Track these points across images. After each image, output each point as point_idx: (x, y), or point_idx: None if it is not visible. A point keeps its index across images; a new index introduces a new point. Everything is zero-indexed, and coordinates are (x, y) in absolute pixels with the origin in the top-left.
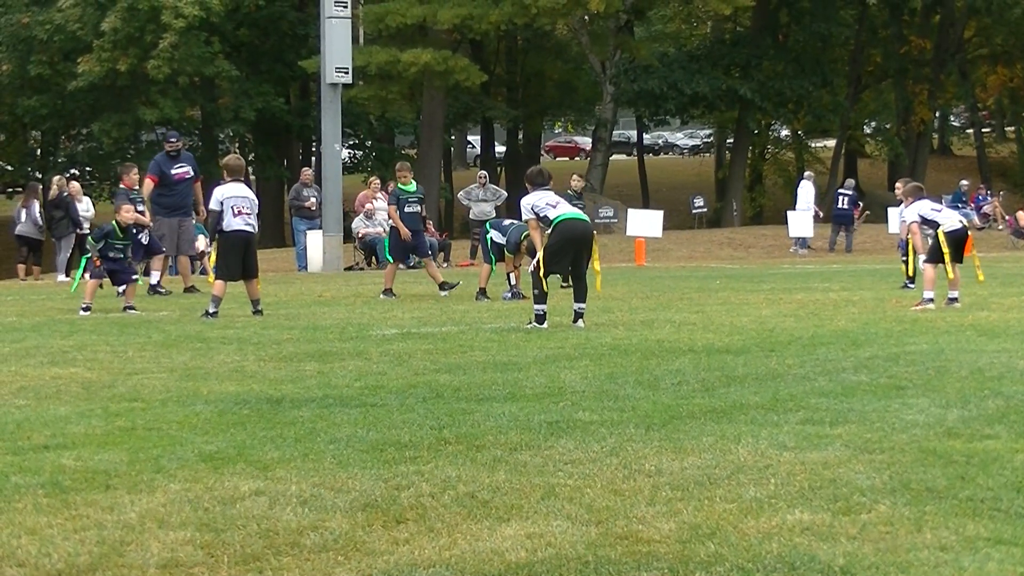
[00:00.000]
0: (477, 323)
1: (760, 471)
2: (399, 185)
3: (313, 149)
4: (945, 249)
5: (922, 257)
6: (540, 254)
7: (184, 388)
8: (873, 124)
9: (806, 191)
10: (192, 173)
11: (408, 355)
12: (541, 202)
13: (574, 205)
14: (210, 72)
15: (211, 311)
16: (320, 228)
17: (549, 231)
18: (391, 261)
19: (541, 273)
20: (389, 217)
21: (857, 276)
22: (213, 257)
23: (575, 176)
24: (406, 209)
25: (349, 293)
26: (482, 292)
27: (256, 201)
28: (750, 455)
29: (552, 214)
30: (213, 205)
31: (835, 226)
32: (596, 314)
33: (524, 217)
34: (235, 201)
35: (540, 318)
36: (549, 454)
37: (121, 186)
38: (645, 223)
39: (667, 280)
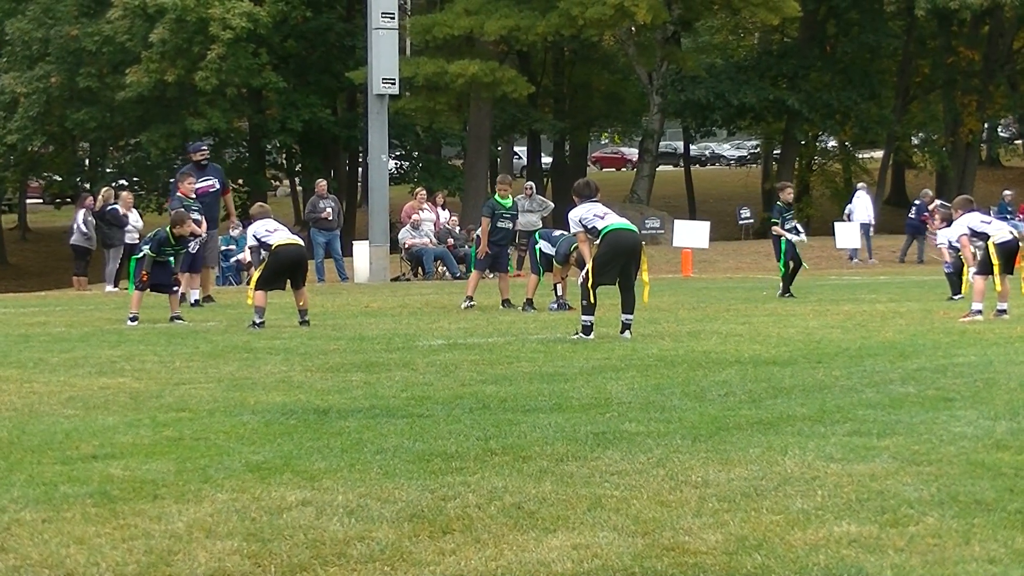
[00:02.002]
0: (523, 334)
1: (807, 483)
2: (496, 198)
3: (360, 160)
4: (995, 260)
5: (972, 269)
6: (589, 265)
7: (231, 398)
8: (921, 135)
9: (862, 202)
10: (218, 186)
11: (455, 366)
12: (589, 214)
13: (784, 218)
14: (257, 83)
15: (257, 321)
16: (338, 238)
17: (598, 242)
18: (476, 271)
19: (590, 284)
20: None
21: (904, 287)
22: (256, 273)
23: (787, 189)
24: (498, 224)
25: (395, 304)
26: (529, 303)
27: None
28: (797, 467)
29: (600, 225)
30: (250, 241)
31: (908, 236)
32: (642, 325)
33: (572, 230)
34: (268, 225)
35: (587, 329)
36: (595, 465)
37: (177, 194)
38: (692, 234)
39: (714, 291)
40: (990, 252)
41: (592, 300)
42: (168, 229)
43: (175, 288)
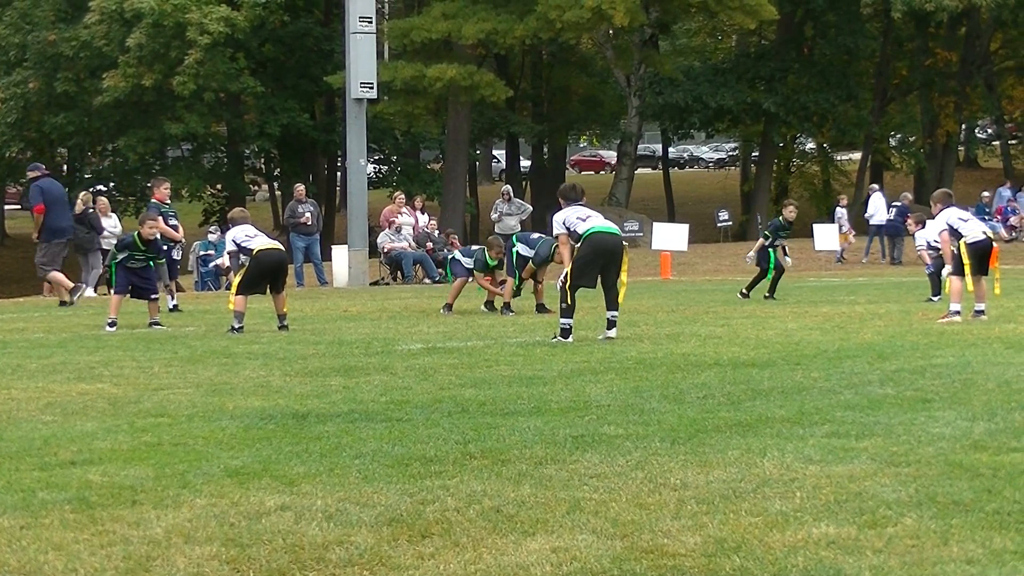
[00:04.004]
0: (502, 337)
1: (786, 484)
2: (487, 258)
3: (338, 164)
4: (966, 261)
5: (948, 268)
6: (568, 268)
7: (210, 403)
8: (899, 137)
9: (878, 203)
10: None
11: (434, 370)
12: (572, 216)
13: (779, 236)
14: (235, 88)
15: (236, 326)
16: (318, 243)
17: (579, 244)
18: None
19: (568, 286)
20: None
21: (883, 289)
22: (237, 279)
23: (790, 207)
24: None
25: (374, 308)
26: (507, 306)
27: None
28: (776, 468)
29: (582, 228)
30: (229, 246)
31: (887, 237)
32: (622, 328)
33: (555, 232)
34: (247, 230)
35: (566, 332)
36: (575, 468)
37: (153, 200)
38: (671, 237)
39: (693, 294)
40: (961, 252)
41: (570, 302)
42: (135, 234)
43: (154, 295)
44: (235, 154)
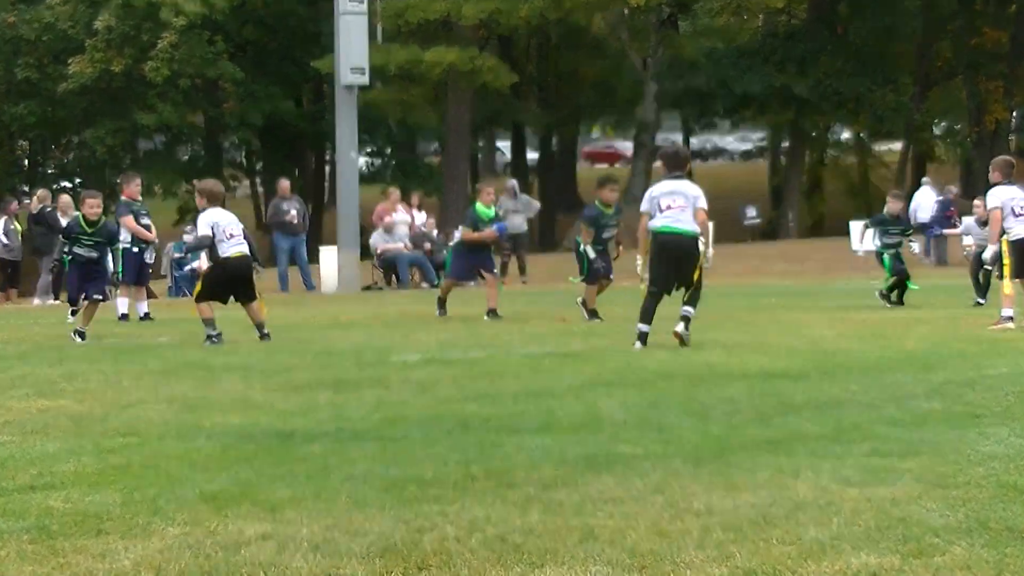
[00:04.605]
0: (508, 347)
1: (821, 509)
2: (477, 206)
3: (327, 158)
4: (1006, 260)
5: (991, 249)
6: (641, 261)
7: (184, 421)
8: (943, 125)
9: (926, 198)
10: None
11: (432, 383)
12: (659, 192)
13: (888, 231)
14: (213, 74)
15: (212, 334)
16: (304, 244)
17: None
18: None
19: (642, 284)
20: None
21: (928, 292)
22: (199, 286)
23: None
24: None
25: (367, 315)
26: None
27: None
28: (810, 491)
29: (656, 223)
30: (203, 230)
31: (930, 235)
32: (636, 336)
33: (642, 208)
34: (224, 218)
35: (640, 336)
36: (587, 492)
37: (123, 198)
38: None
39: (716, 298)
40: (1003, 249)
41: (644, 304)
42: (80, 214)
43: (97, 295)
44: (213, 146)
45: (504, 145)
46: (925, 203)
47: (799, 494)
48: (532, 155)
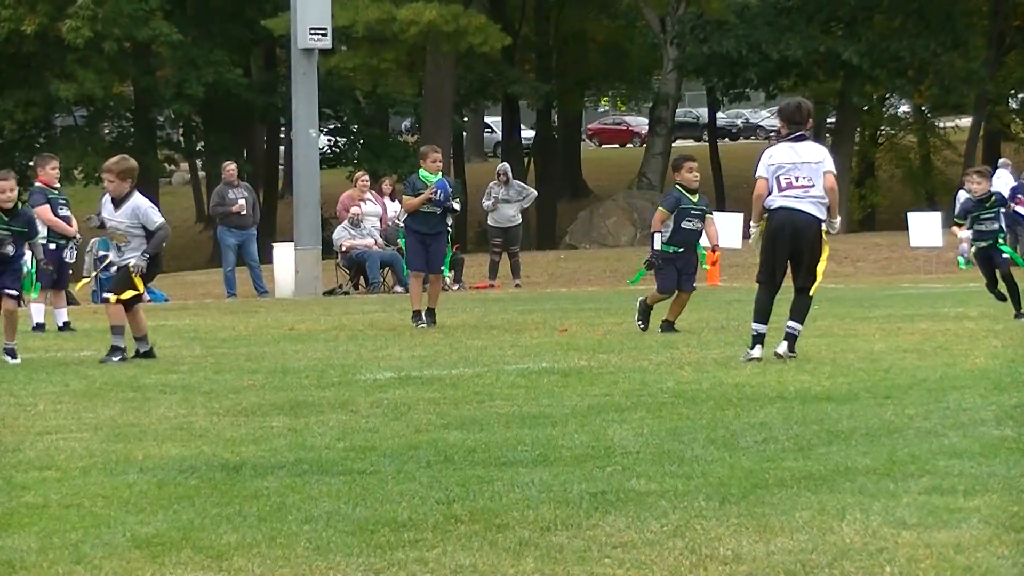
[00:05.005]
0: (499, 363)
1: (871, 556)
2: (421, 172)
3: (281, 136)
4: None
5: None
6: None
7: (112, 452)
8: (1020, 97)
9: (1005, 184)
10: None
11: (407, 406)
12: (777, 162)
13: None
14: (145, 36)
15: (123, 347)
16: (255, 239)
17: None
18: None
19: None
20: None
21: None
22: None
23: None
24: (423, 209)
25: (330, 325)
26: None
27: None
28: (858, 535)
29: (774, 200)
30: (160, 218)
31: (1007, 229)
32: (654, 349)
33: (758, 173)
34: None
35: (754, 340)
36: (593, 535)
37: (36, 184)
38: (719, 229)
39: (748, 304)
40: None
41: (756, 303)
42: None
43: (11, 292)
44: (145, 123)
45: (494, 121)
46: (1003, 190)
47: (844, 539)
48: (528, 133)
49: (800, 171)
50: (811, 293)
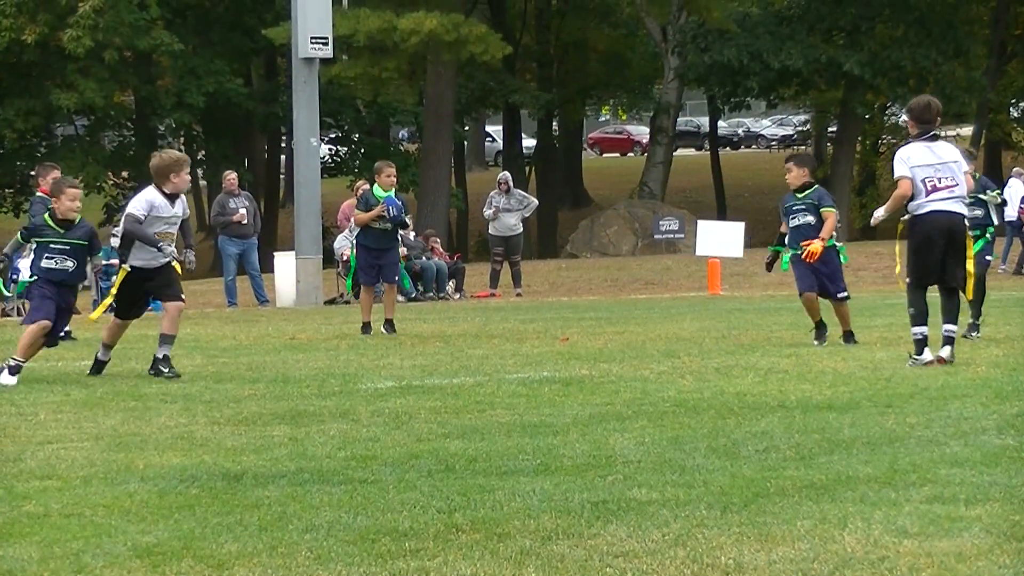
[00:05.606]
0: (499, 372)
1: (873, 565)
2: (374, 189)
3: (282, 145)
4: None
5: None
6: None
7: (114, 461)
8: (1022, 106)
9: (1016, 193)
10: None
11: (408, 415)
12: (918, 160)
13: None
14: (145, 45)
15: (102, 358)
16: (256, 249)
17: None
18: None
19: (903, 281)
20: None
21: (1003, 306)
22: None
23: None
24: (373, 225)
25: (330, 334)
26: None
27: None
28: (859, 544)
29: (922, 205)
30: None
31: (1009, 237)
32: (655, 358)
33: (897, 172)
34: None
35: (919, 345)
36: (594, 544)
37: (38, 194)
38: (721, 239)
39: (750, 314)
40: None
41: (912, 307)
42: (45, 216)
43: (61, 330)
44: (145, 132)
45: (495, 130)
46: (1015, 199)
47: (846, 547)
48: (529, 142)
49: (942, 172)
50: (967, 291)
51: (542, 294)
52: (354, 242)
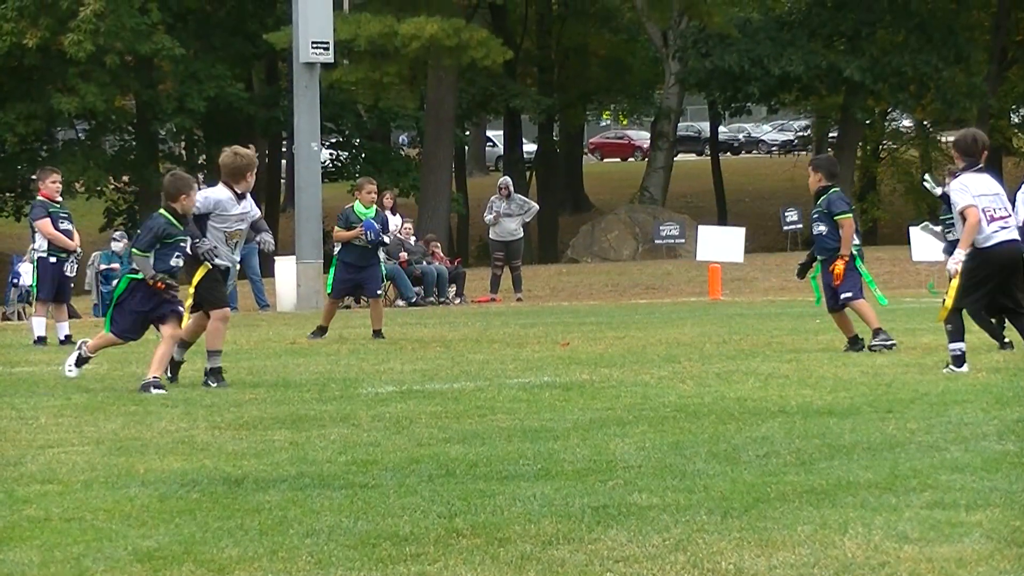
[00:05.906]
0: (500, 377)
1: (873, 570)
2: (356, 206)
3: (283, 150)
4: None
5: None
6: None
7: (114, 465)
8: (1023, 112)
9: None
10: None
11: (409, 420)
12: (977, 191)
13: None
14: (147, 50)
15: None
16: (256, 253)
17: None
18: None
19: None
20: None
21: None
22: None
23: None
24: (354, 241)
25: (331, 339)
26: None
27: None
28: (860, 550)
29: (989, 238)
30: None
31: None
32: (656, 364)
33: (961, 204)
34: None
35: (958, 360)
36: (594, 549)
37: (38, 197)
38: (721, 244)
39: (751, 319)
40: None
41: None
42: (164, 210)
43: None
44: (146, 136)
45: (496, 135)
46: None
47: (847, 553)
48: (529, 147)
49: (996, 203)
50: None
51: (543, 299)
52: (336, 258)
